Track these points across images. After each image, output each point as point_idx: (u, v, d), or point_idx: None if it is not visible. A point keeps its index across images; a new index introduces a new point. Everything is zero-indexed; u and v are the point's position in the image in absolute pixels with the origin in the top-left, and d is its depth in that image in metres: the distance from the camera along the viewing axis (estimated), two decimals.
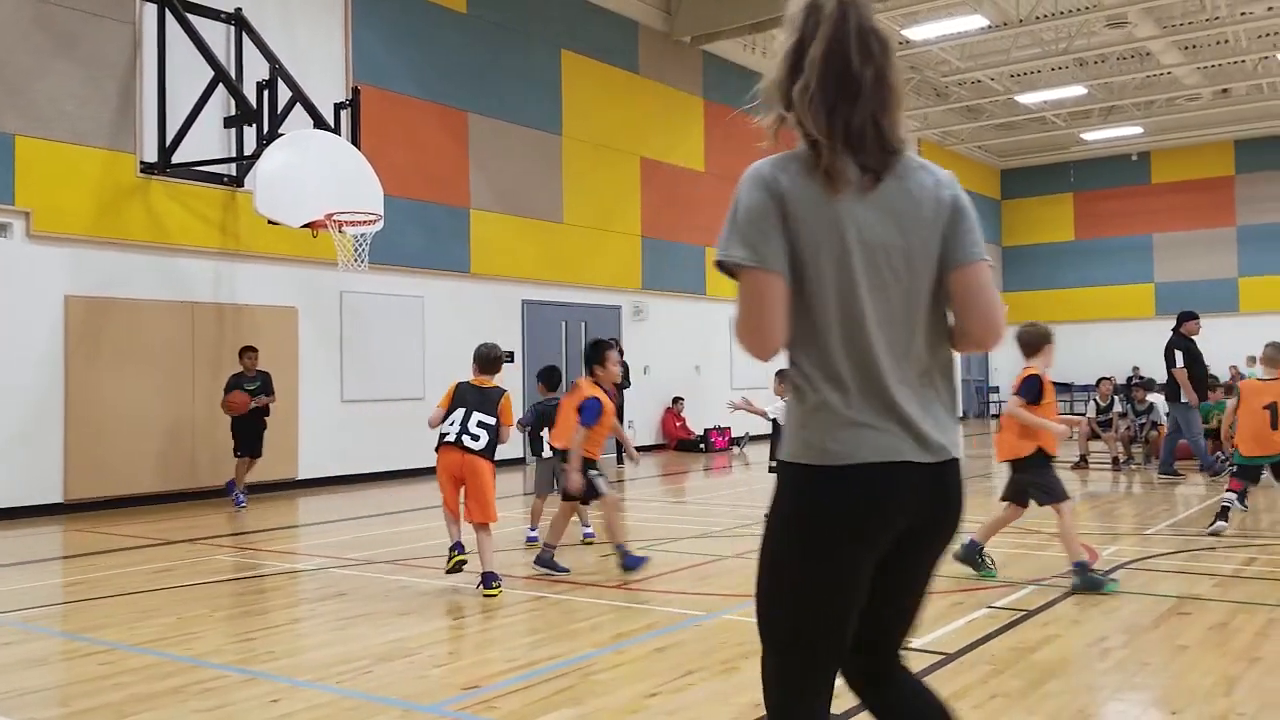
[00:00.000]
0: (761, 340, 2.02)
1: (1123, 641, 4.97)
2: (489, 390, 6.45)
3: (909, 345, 2.06)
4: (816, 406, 2.03)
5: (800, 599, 2.08)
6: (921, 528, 2.09)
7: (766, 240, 2.01)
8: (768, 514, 2.14)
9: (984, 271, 2.11)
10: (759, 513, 9.40)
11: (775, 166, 2.11)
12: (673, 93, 19.02)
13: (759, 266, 2.00)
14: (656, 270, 18.39)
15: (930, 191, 2.09)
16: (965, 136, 28.70)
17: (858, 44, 2.05)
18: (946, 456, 2.09)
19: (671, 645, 5.01)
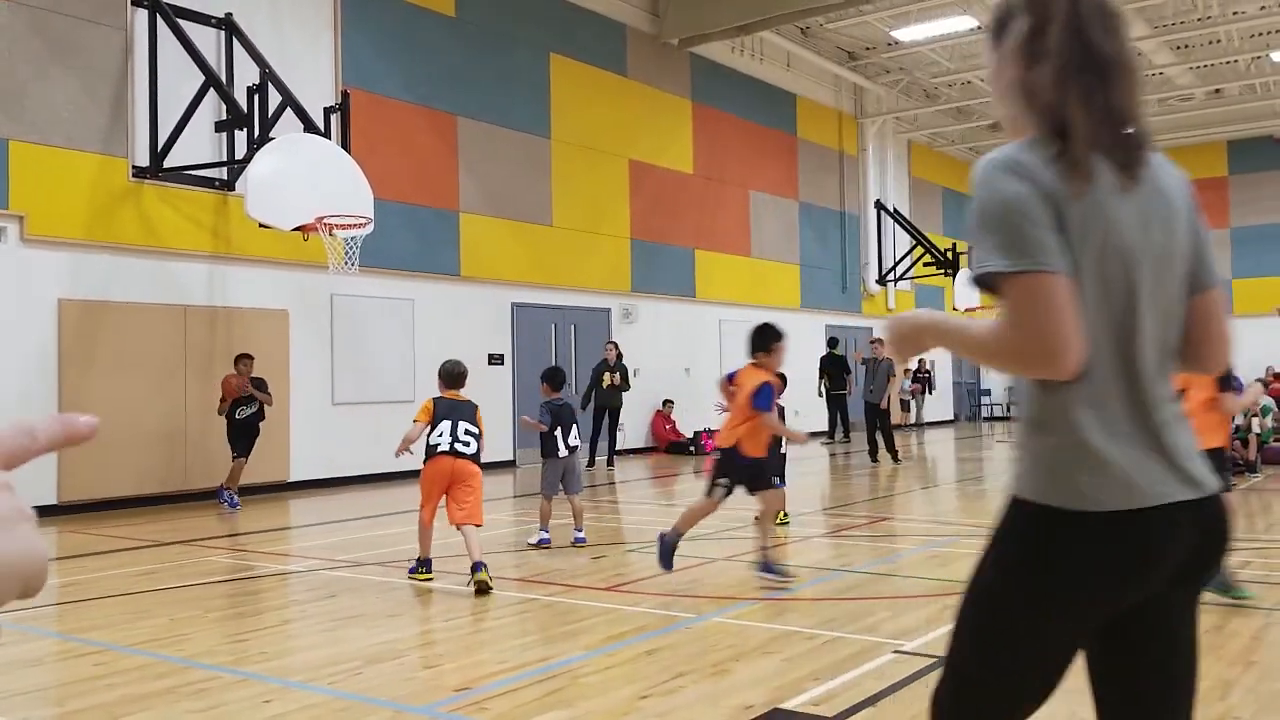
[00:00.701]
0: (1057, 352, 1.64)
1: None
2: (464, 403, 6.84)
3: (1165, 365, 1.80)
4: (1073, 438, 1.73)
5: (1017, 660, 1.84)
6: (1186, 576, 1.79)
7: (1040, 235, 1.68)
8: (992, 559, 1.86)
9: (1223, 294, 1.89)
10: (748, 514, 9.45)
11: (1023, 154, 1.77)
12: (661, 95, 19.05)
13: (1041, 269, 1.66)
14: (646, 272, 18.41)
15: (1181, 191, 1.87)
16: (956, 138, 28.80)
17: (1100, 21, 1.82)
18: (1210, 491, 1.77)
19: (662, 647, 5.02)
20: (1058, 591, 1.75)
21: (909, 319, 1.91)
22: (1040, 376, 1.73)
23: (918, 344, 1.90)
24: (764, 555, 6.61)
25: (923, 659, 4.70)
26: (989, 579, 1.87)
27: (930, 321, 1.87)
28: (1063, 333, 1.64)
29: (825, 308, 23.37)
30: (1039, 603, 1.77)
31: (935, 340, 1.85)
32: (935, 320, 1.87)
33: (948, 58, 22.96)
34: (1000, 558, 1.85)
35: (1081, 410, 1.73)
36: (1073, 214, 1.70)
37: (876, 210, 25.22)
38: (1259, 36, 21.75)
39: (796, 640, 5.10)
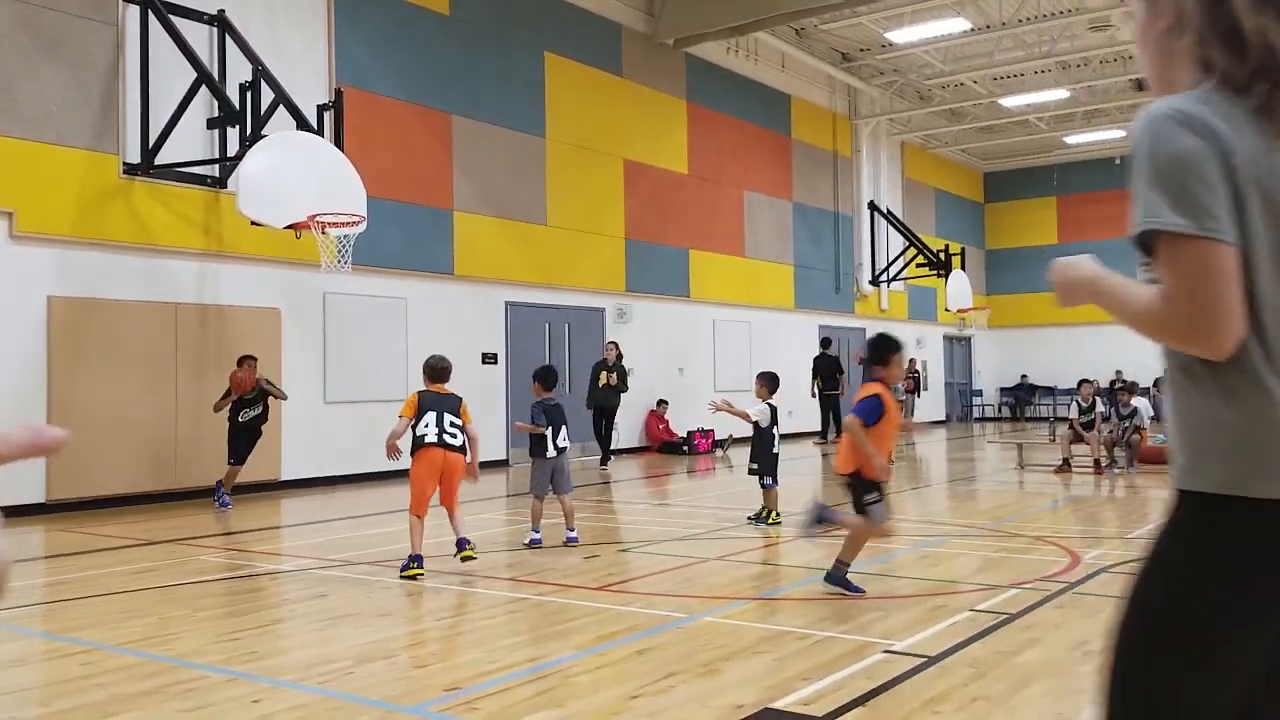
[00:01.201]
0: (1215, 330, 1.49)
1: (1104, 645, 4.99)
2: (449, 396, 7.04)
3: None
4: (1267, 416, 1.53)
5: (1192, 679, 1.56)
6: None
7: (1213, 199, 1.51)
8: (1157, 573, 1.63)
9: None
10: (741, 514, 9.46)
11: (1196, 106, 1.56)
12: (656, 95, 19.05)
13: (1209, 235, 1.50)
14: (640, 272, 18.40)
15: None
16: (948, 139, 28.85)
17: None
18: None
19: (653, 647, 5.01)
20: (1252, 597, 1.51)
21: (1073, 268, 1.75)
22: (1191, 352, 1.56)
23: (1076, 294, 1.74)
24: (841, 569, 6.15)
25: (912, 659, 4.70)
26: (1155, 598, 1.60)
27: (1091, 276, 1.72)
28: (1224, 310, 1.49)
29: (819, 308, 23.39)
30: (1228, 614, 1.52)
31: (1091, 297, 1.71)
32: (1096, 276, 1.71)
33: (941, 59, 23.00)
34: (1169, 568, 1.59)
35: (1273, 383, 1.53)
36: (1253, 173, 1.53)
37: (870, 211, 25.25)
38: None
39: (787, 640, 5.10)
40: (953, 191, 30.44)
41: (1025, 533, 8.50)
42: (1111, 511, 10.34)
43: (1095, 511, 10.36)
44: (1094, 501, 11.11)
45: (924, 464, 16.47)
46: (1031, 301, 30.82)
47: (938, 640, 5.05)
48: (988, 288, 31.27)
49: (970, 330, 29.12)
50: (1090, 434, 13.94)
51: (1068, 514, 10.09)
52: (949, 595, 6.14)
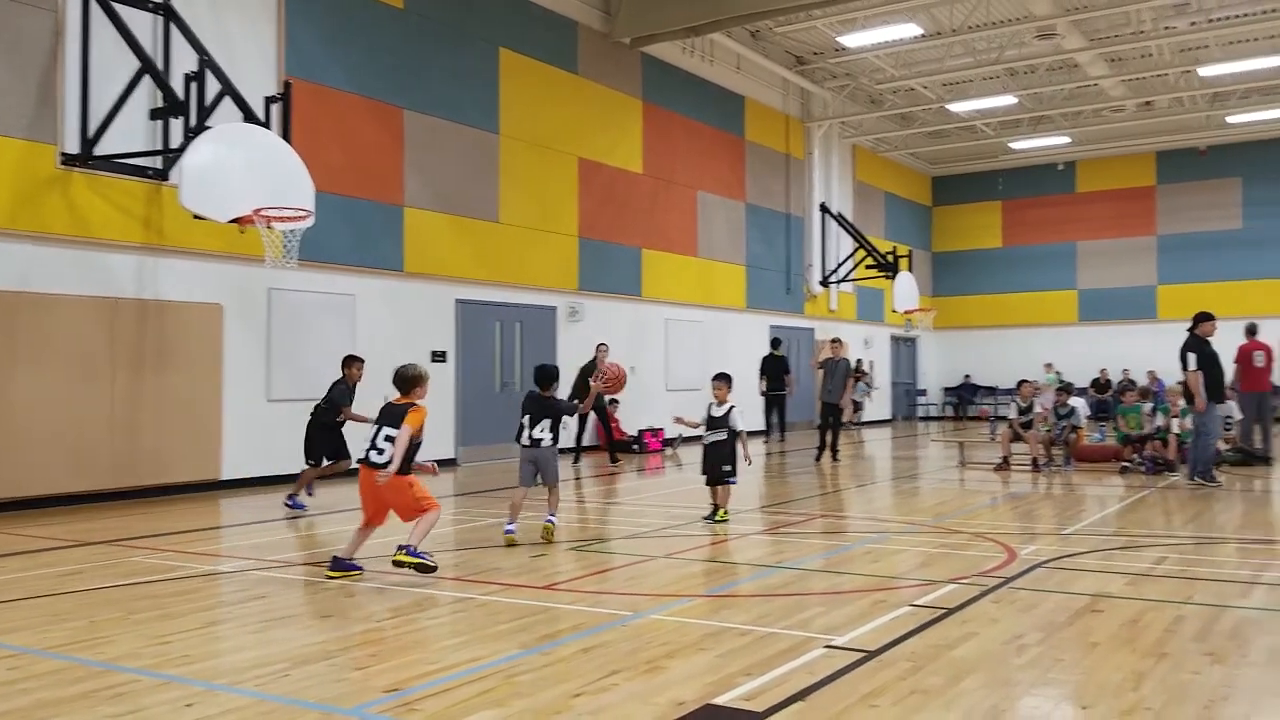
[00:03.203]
0: None
1: (1038, 639, 5.09)
2: (397, 407, 6.81)
3: None
4: None
5: None
6: None
7: None
8: None
9: None
10: (691, 513, 9.49)
11: None
12: (612, 94, 19.04)
13: None
14: (593, 271, 18.38)
15: None
16: (898, 144, 29.18)
17: None
18: None
19: (598, 645, 5.01)
20: None
21: None
22: None
23: None
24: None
25: (852, 653, 4.75)
26: None
27: None
28: None
29: (769, 308, 23.54)
30: None
31: None
32: None
33: (892, 64, 23.25)
34: None
35: None
36: None
37: (821, 213, 25.46)
38: (1188, 51, 22.36)
39: (730, 636, 5.13)
40: (901, 195, 30.79)
41: (965, 529, 8.63)
42: (1048, 509, 10.53)
43: (1032, 508, 10.54)
44: (1031, 499, 11.30)
45: (870, 462, 16.63)
46: (975, 303, 31.32)
47: (877, 635, 5.11)
48: (934, 289, 31.68)
49: (916, 331, 29.48)
50: (1029, 433, 14.19)
51: (1006, 511, 10.26)
52: (890, 591, 6.21)
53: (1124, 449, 13.89)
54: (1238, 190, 27.90)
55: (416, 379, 6.91)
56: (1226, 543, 8.26)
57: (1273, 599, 6.10)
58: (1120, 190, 29.42)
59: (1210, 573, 6.95)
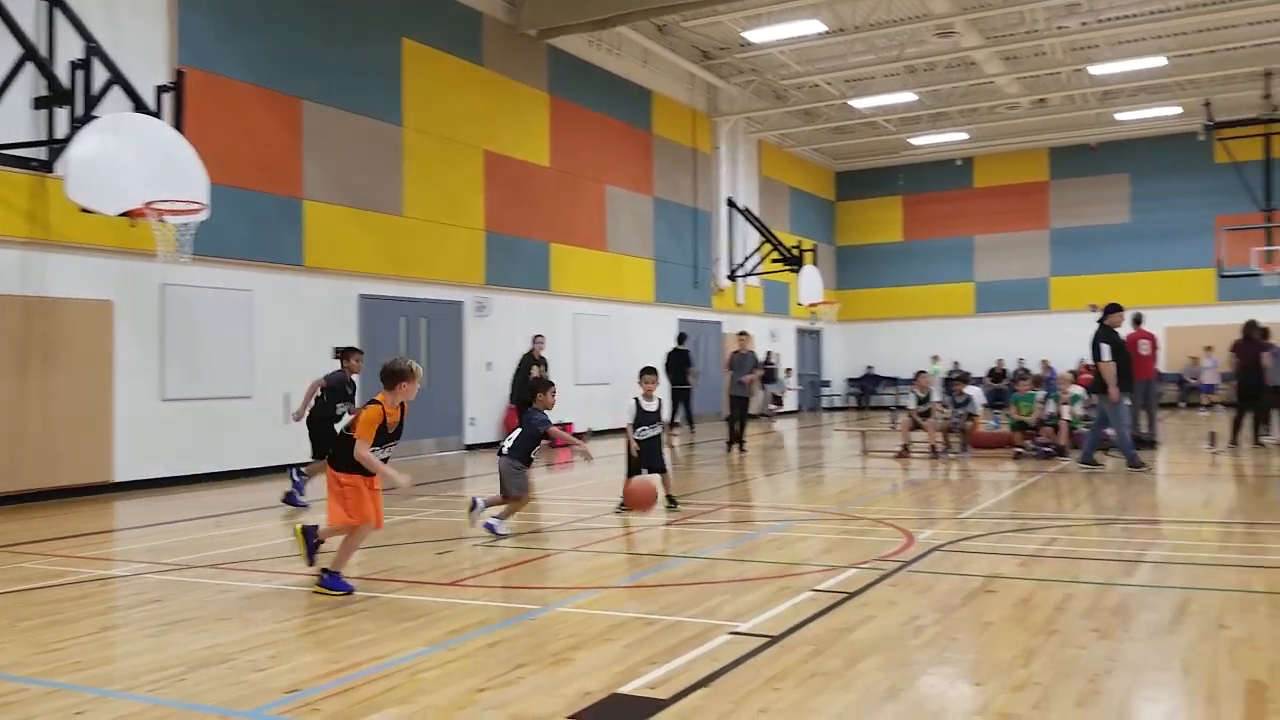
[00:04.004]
0: None
1: (934, 619, 5.25)
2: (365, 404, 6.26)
3: None
4: None
5: None
6: None
7: None
8: None
9: None
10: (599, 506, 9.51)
11: None
12: (518, 86, 18.92)
13: None
14: (500, 265, 18.26)
15: None
16: (802, 139, 29.63)
17: None
18: None
19: (503, 640, 5.00)
20: None
21: None
22: None
23: None
24: None
25: (756, 639, 4.83)
26: None
27: None
28: None
29: (678, 302, 23.71)
30: None
31: None
32: None
33: (796, 61, 23.60)
34: None
35: None
36: None
37: (728, 208, 25.72)
38: (1079, 50, 23.18)
39: (637, 626, 5.17)
40: (806, 189, 31.29)
41: (866, 515, 8.84)
42: (945, 494, 10.85)
43: (931, 494, 10.85)
44: (930, 485, 11.62)
45: (777, 452, 16.89)
46: (878, 296, 32.04)
47: (781, 620, 5.21)
48: (838, 283, 32.30)
49: (820, 324, 30.05)
50: (928, 421, 14.60)
51: (906, 497, 10.54)
52: (793, 577, 6.34)
53: (1017, 436, 14.38)
54: (1126, 185, 29.06)
55: (392, 374, 6.18)
56: (1113, 524, 8.62)
57: (1155, 576, 6.39)
58: (1015, 185, 30.40)
59: (1097, 553, 7.25)
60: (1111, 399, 12.22)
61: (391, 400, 6.15)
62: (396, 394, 6.16)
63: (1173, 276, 27.60)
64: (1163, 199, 28.42)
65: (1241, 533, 8.01)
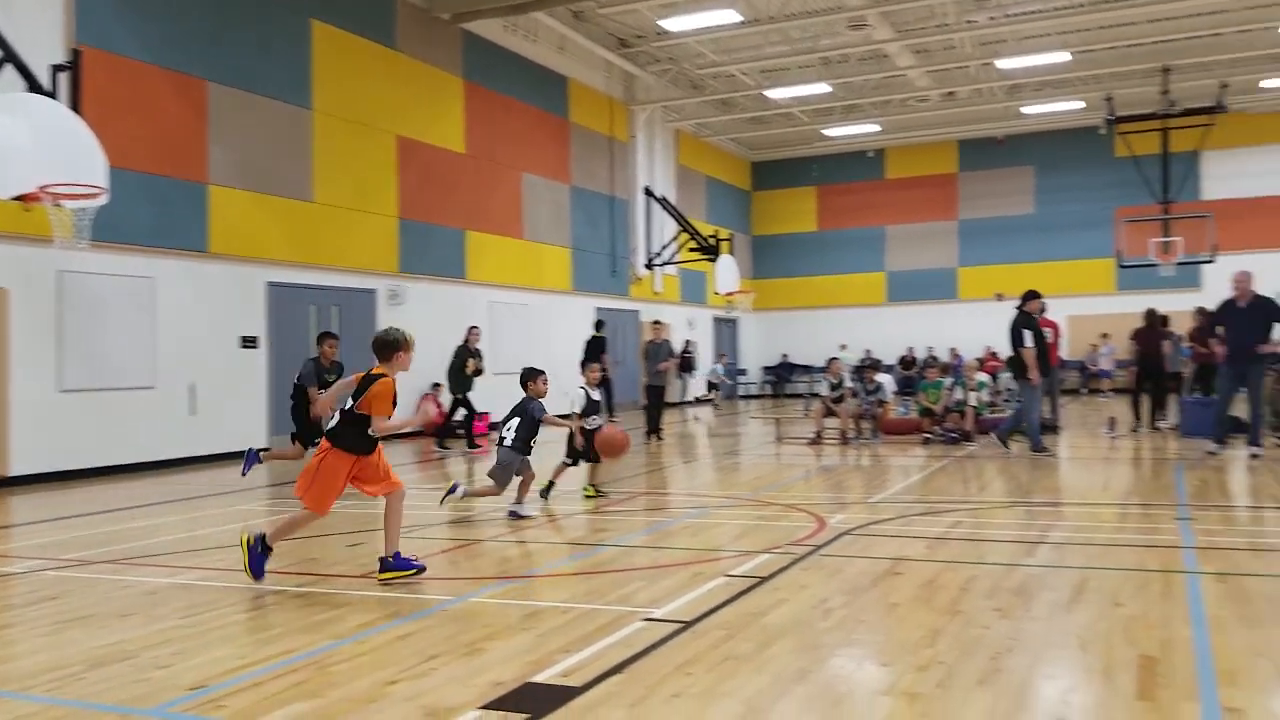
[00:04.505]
0: None
1: (843, 602, 5.35)
2: (367, 376, 6.02)
3: None
4: None
5: None
6: None
7: None
8: None
9: None
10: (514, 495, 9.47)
11: None
12: (432, 71, 18.65)
13: None
14: (414, 253, 18.01)
15: None
16: (719, 129, 29.81)
17: None
18: None
19: (416, 631, 4.95)
20: None
21: None
22: None
23: None
24: None
25: (670, 625, 4.87)
26: None
27: None
28: None
29: (595, 291, 23.68)
30: None
31: None
32: None
33: (712, 50, 23.71)
34: None
35: None
36: None
37: (646, 196, 25.76)
38: (987, 45, 23.75)
39: (551, 615, 5.16)
40: (723, 179, 31.51)
41: (779, 501, 8.97)
42: (857, 479, 11.06)
43: (842, 480, 11.05)
44: (841, 471, 11.84)
45: (693, 440, 17.02)
46: (793, 285, 32.46)
47: (694, 606, 5.25)
48: (754, 272, 32.63)
49: (737, 312, 30.32)
50: (840, 408, 14.87)
51: (818, 483, 10.72)
52: (708, 563, 6.39)
53: (925, 422, 14.73)
54: (1031, 178, 29.91)
55: (387, 344, 6.02)
56: (1017, 506, 8.89)
57: (1055, 557, 6.61)
58: (925, 177, 31.05)
59: (1000, 534, 7.47)
60: (1033, 382, 12.61)
61: (390, 372, 6.01)
62: (394, 366, 6.02)
63: (1075, 266, 28.51)
64: (1066, 191, 29.32)
65: (1137, 514, 8.33)
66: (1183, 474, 10.59)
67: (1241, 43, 23.00)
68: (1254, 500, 9.07)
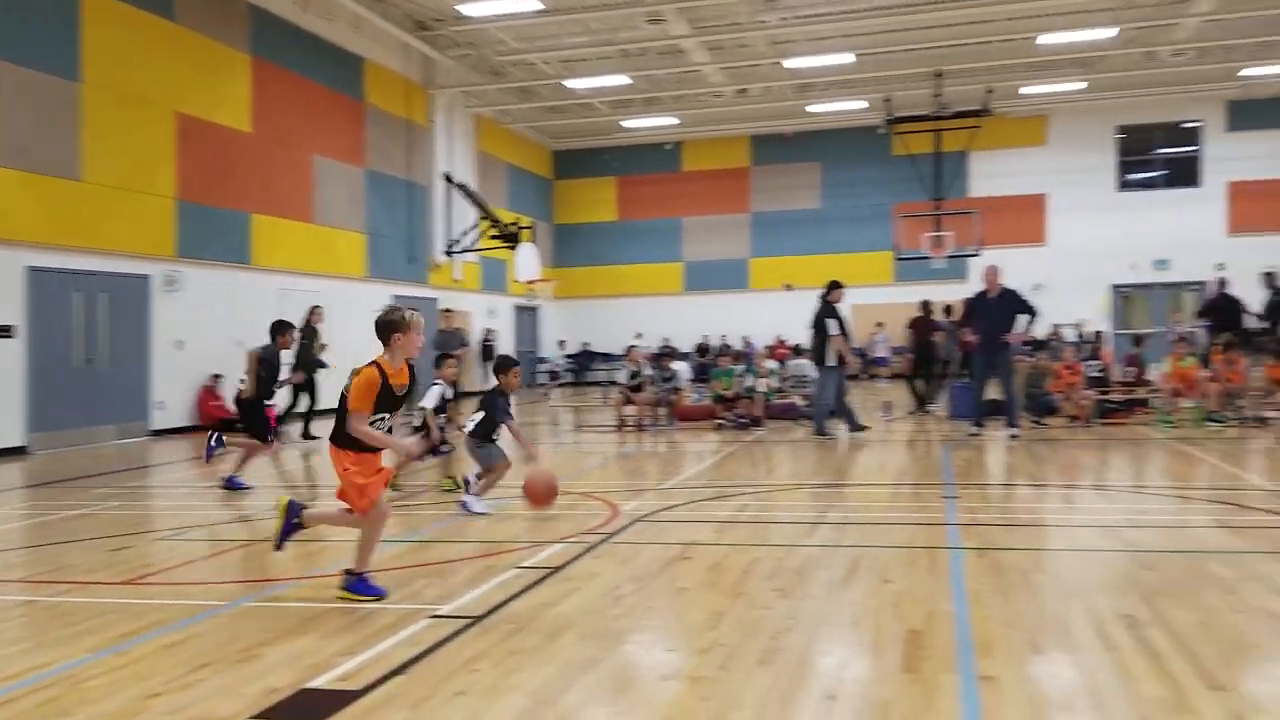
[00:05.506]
0: None
1: (633, 589, 5.42)
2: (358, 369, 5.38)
3: None
4: None
5: None
6: None
7: None
8: None
9: None
10: (304, 494, 9.10)
11: None
12: (216, 46, 17.59)
13: None
14: (194, 237, 16.96)
15: None
16: (520, 116, 29.59)
17: None
18: None
19: (184, 640, 4.66)
20: None
21: None
22: None
23: None
24: None
25: (458, 621, 4.79)
26: None
27: None
28: None
29: (392, 278, 23.06)
30: None
31: None
32: None
33: (512, 37, 23.47)
34: None
35: None
36: None
37: (446, 182, 25.28)
38: (778, 44, 24.60)
39: (333, 616, 4.98)
40: (524, 167, 31.34)
41: (575, 490, 9.00)
42: (652, 466, 11.27)
43: (638, 466, 11.22)
44: (637, 458, 12.02)
45: None
46: (593, 274, 32.71)
47: (484, 600, 5.19)
48: (555, 260, 32.66)
49: (538, 301, 30.28)
50: (638, 396, 15.11)
51: (614, 470, 10.84)
52: (500, 555, 6.34)
53: (718, 408, 15.17)
54: (818, 173, 31.25)
55: (384, 327, 5.29)
56: (800, 488, 9.28)
57: (833, 536, 6.93)
58: (720, 170, 31.93)
59: (784, 516, 7.77)
60: (847, 368, 13.25)
61: (393, 359, 5.29)
62: (395, 350, 5.29)
63: (857, 259, 29.99)
64: (849, 187, 30.82)
65: (909, 493, 8.85)
66: (950, 455, 11.35)
67: (1005, 51, 24.78)
68: (1009, 478, 9.83)
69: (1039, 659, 4.19)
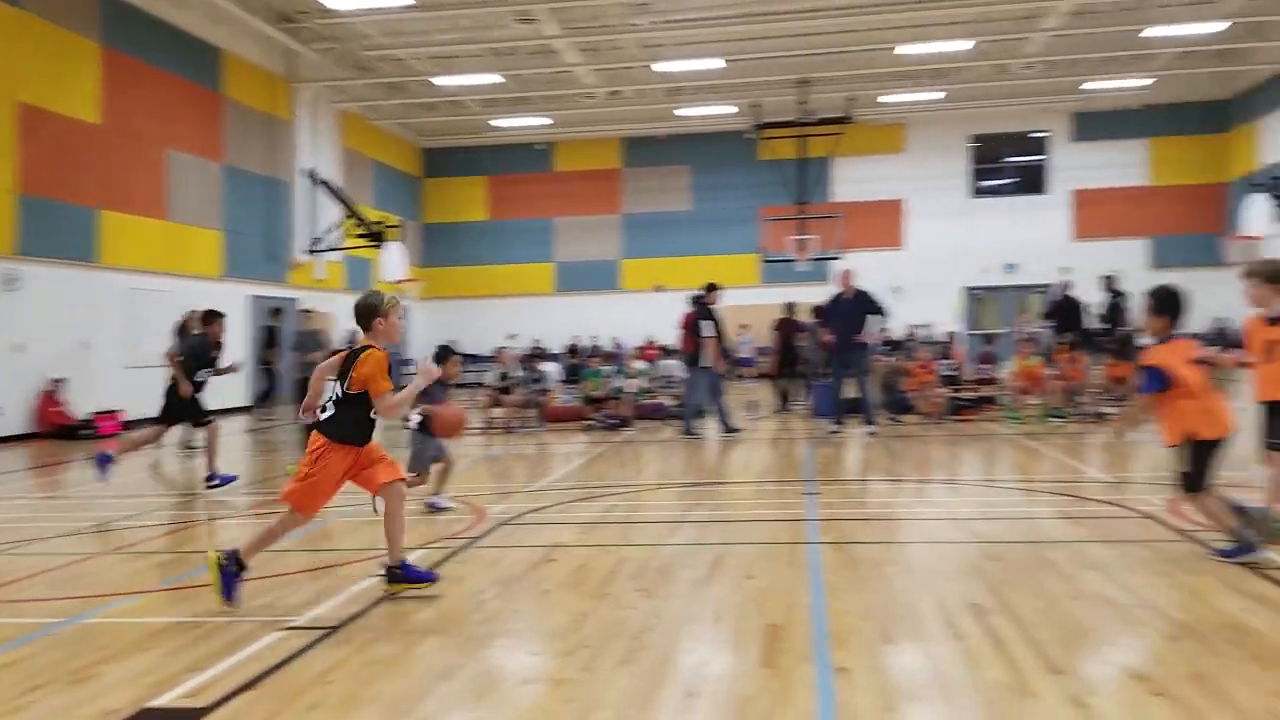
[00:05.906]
0: None
1: (497, 593, 5.36)
2: (351, 352, 5.30)
3: None
4: None
5: None
6: None
7: None
8: None
9: None
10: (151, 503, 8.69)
11: None
12: (61, 33, 16.64)
13: None
14: (36, 233, 16.01)
15: None
16: (388, 113, 29.00)
17: None
18: None
19: (14, 661, 4.38)
20: None
21: None
22: None
23: None
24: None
25: (313, 632, 4.65)
26: None
27: None
28: None
29: (250, 277, 22.26)
30: None
31: None
32: None
33: (380, 32, 22.96)
34: None
35: None
36: None
37: (309, 179, 24.55)
38: (650, 48, 24.79)
39: (179, 632, 4.76)
40: (392, 164, 30.71)
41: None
42: (520, 468, 11.18)
43: (505, 469, 11.11)
44: (505, 460, 11.89)
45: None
46: (464, 274, 32.31)
47: (341, 610, 5.06)
48: (425, 260, 32.12)
49: (406, 301, 29.71)
50: (507, 397, 14.99)
51: (482, 473, 10.71)
52: (359, 564, 6.18)
53: (587, 409, 15.17)
54: (688, 176, 31.61)
55: (365, 310, 5.31)
56: (667, 487, 9.36)
57: (697, 535, 7.01)
58: (592, 171, 31.96)
59: (651, 516, 7.82)
60: (720, 369, 13.43)
61: (376, 343, 5.29)
62: (377, 335, 5.29)
63: (725, 260, 30.43)
64: (718, 190, 31.29)
65: (772, 490, 9.04)
66: (811, 452, 11.64)
67: (866, 61, 25.59)
68: (866, 474, 10.15)
69: (890, 649, 4.32)
